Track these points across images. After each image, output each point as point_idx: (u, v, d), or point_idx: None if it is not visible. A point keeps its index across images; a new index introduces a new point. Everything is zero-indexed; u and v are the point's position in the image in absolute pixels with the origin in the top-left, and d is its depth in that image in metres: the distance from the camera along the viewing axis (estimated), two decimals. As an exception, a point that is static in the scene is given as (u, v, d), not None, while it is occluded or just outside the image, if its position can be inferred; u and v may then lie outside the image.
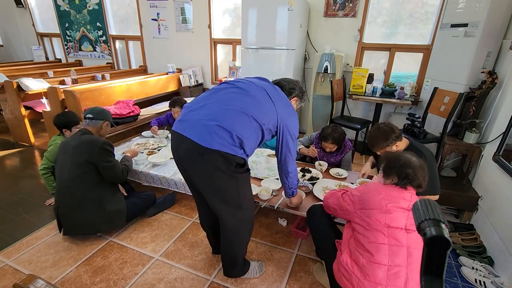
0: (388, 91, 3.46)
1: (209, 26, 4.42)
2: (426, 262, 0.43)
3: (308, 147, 2.63)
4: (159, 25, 4.75)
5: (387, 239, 1.23)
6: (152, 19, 4.77)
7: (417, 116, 2.80)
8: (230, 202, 1.46)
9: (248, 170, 1.50)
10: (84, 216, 1.94)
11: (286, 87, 1.62)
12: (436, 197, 1.77)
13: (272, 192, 2.00)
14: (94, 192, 1.96)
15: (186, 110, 1.43)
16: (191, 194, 2.03)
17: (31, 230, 2.13)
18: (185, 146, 1.34)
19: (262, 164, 2.49)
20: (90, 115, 2.12)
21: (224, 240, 1.63)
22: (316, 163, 2.40)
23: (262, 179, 2.18)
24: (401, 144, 1.80)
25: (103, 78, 4.42)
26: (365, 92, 3.52)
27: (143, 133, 3.08)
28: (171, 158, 2.43)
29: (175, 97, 2.97)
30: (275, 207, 1.90)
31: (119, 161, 2.18)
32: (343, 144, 2.47)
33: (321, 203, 1.70)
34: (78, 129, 2.21)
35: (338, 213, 1.51)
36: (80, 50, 5.66)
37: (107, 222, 2.02)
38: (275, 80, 1.66)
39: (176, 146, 1.41)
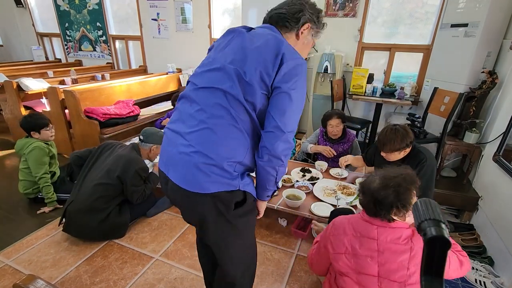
0: (388, 91, 3.45)
1: (209, 26, 4.42)
2: (426, 262, 0.43)
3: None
4: (159, 25, 4.75)
5: (357, 286, 1.13)
6: (152, 19, 4.76)
7: (417, 116, 2.80)
8: (229, 248, 1.18)
9: (252, 208, 1.15)
10: (88, 222, 1.94)
11: (287, 15, 1.08)
12: None
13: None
14: (108, 204, 1.99)
15: (165, 136, 1.12)
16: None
17: (31, 230, 2.12)
18: (172, 192, 1.09)
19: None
20: (141, 137, 2.20)
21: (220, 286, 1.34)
22: (316, 163, 2.40)
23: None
24: (407, 149, 1.80)
25: (103, 78, 4.42)
26: (365, 92, 3.51)
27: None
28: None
29: (177, 93, 2.97)
30: (275, 207, 1.90)
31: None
32: (346, 132, 2.57)
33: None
34: (49, 130, 2.29)
35: (324, 264, 1.33)
36: (80, 50, 5.66)
37: (108, 233, 2.04)
38: (268, 15, 1.14)
39: (165, 189, 1.15)
